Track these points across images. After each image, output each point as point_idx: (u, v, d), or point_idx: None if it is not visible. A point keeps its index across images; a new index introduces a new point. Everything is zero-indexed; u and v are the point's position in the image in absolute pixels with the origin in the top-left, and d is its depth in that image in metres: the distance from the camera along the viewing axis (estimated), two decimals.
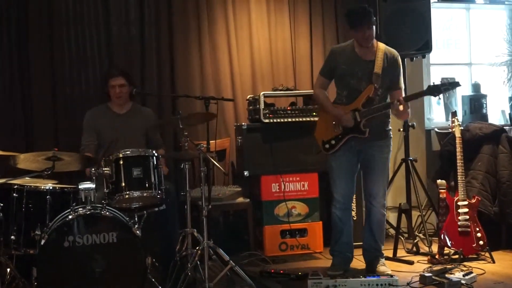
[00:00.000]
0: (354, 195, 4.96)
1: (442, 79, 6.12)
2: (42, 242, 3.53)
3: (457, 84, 4.11)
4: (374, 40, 4.25)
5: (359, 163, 4.35)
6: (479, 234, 4.61)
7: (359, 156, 4.31)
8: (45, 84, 4.98)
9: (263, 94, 5.01)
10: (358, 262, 4.54)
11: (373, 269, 4.33)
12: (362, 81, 4.18)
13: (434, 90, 4.10)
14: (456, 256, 4.56)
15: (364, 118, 4.15)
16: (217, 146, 5.04)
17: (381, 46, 4.25)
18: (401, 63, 4.32)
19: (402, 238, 5.08)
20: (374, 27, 4.17)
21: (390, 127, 4.35)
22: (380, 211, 4.35)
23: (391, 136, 4.37)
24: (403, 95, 4.29)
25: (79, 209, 3.64)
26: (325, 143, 4.33)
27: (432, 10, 5.38)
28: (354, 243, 4.52)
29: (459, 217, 4.63)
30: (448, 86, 4.09)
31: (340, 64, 4.25)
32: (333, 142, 4.28)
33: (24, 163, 3.79)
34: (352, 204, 5.03)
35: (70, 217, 3.58)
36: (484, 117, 5.76)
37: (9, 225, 3.79)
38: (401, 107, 4.09)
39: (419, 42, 5.26)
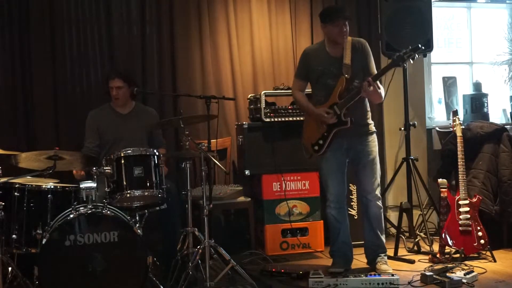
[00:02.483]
0: (355, 193, 4.99)
1: (444, 78, 6.13)
2: (44, 241, 3.54)
3: (418, 48, 4.11)
4: None
5: (347, 161, 4.38)
6: (480, 233, 4.60)
7: (347, 154, 4.34)
8: (47, 83, 4.98)
9: (264, 93, 5.01)
10: (359, 262, 4.54)
11: (375, 266, 4.34)
12: (338, 77, 4.22)
13: (399, 60, 4.12)
14: (457, 255, 4.56)
15: (342, 109, 4.18)
16: (218, 145, 5.05)
17: (348, 38, 4.29)
18: (369, 49, 4.33)
19: (403, 237, 5.08)
20: (348, 25, 4.23)
21: (371, 121, 4.39)
22: (376, 204, 4.36)
23: (375, 130, 4.41)
24: (378, 82, 4.28)
25: (81, 208, 3.65)
26: (313, 145, 4.35)
27: (433, 9, 5.41)
28: (356, 242, 4.53)
29: (460, 216, 4.63)
30: (411, 52, 4.09)
31: (315, 66, 4.31)
32: (321, 142, 4.30)
33: (26, 162, 3.80)
34: (353, 203, 5.06)
35: (71, 216, 3.59)
36: (485, 116, 5.75)
37: (11, 224, 3.80)
38: (371, 88, 4.09)
39: (420, 41, 5.22)
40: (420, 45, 4.11)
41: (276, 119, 5.00)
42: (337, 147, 4.30)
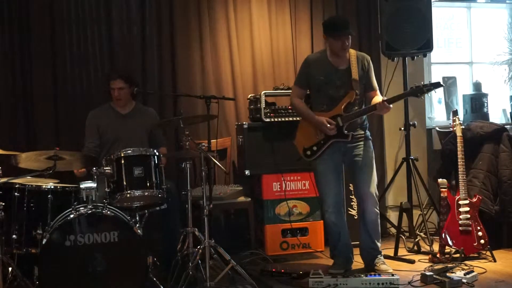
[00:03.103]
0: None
1: (443, 78, 6.13)
2: (44, 241, 3.55)
3: (439, 85, 4.15)
4: None
5: (343, 164, 4.38)
6: (480, 233, 4.60)
7: (344, 158, 4.34)
8: (47, 83, 4.98)
9: (264, 93, 5.01)
10: (359, 262, 4.53)
11: (372, 268, 4.34)
12: (341, 89, 4.24)
13: (417, 91, 4.13)
14: (457, 255, 4.56)
15: (346, 123, 4.20)
16: (218, 145, 5.05)
17: (352, 52, 4.30)
18: (372, 65, 4.37)
19: (403, 237, 5.08)
20: (350, 38, 4.25)
21: (368, 131, 4.40)
22: (373, 209, 4.34)
23: (370, 138, 4.42)
24: (378, 94, 4.33)
25: (81, 208, 3.65)
26: (306, 150, 4.36)
27: (433, 9, 5.40)
28: (356, 242, 4.52)
29: (460, 216, 4.63)
30: (431, 86, 4.12)
31: (317, 75, 4.30)
32: (314, 148, 4.31)
33: (26, 162, 3.80)
34: (353, 203, 5.05)
35: (71, 216, 3.59)
36: (485, 116, 5.75)
37: (11, 224, 3.80)
38: (384, 109, 4.16)
39: (420, 41, 5.28)
40: (442, 83, 4.14)
41: (276, 119, 4.99)
42: (335, 151, 4.30)
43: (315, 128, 4.30)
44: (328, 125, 4.20)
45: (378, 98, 4.25)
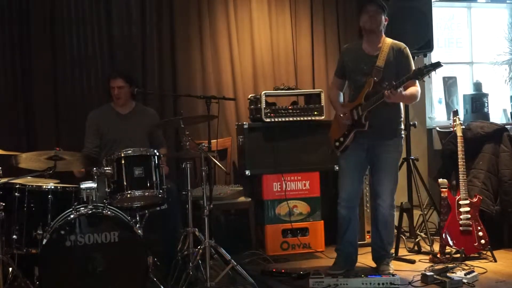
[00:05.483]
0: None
1: (444, 78, 6.13)
2: (44, 241, 3.54)
3: (438, 65, 4.11)
4: (382, 36, 4.25)
5: (367, 163, 4.37)
6: (480, 233, 4.60)
7: (367, 155, 4.32)
8: (47, 83, 4.98)
9: (265, 93, 5.01)
10: (360, 262, 4.53)
11: (377, 268, 4.33)
12: (368, 76, 4.20)
13: (419, 74, 4.10)
14: (458, 255, 4.56)
15: (364, 112, 4.17)
16: (219, 145, 5.05)
17: (388, 40, 4.26)
18: (410, 55, 4.30)
19: (403, 237, 5.08)
20: (382, 17, 4.20)
21: (401, 126, 4.32)
22: (385, 211, 4.30)
23: (402, 136, 4.35)
24: (417, 85, 4.25)
25: (81, 208, 3.65)
26: (335, 141, 4.39)
27: (433, 9, 5.39)
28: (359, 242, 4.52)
29: (461, 216, 4.63)
30: (430, 67, 4.09)
31: (348, 62, 4.32)
32: (341, 139, 4.33)
33: (26, 162, 3.80)
34: None
35: (71, 216, 3.59)
36: (486, 116, 5.75)
37: (11, 225, 3.80)
38: (391, 96, 4.06)
39: (420, 41, 5.26)
40: (440, 62, 4.09)
41: (276, 119, 4.99)
42: (358, 147, 4.28)
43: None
44: (341, 115, 4.23)
45: (412, 89, 4.18)
